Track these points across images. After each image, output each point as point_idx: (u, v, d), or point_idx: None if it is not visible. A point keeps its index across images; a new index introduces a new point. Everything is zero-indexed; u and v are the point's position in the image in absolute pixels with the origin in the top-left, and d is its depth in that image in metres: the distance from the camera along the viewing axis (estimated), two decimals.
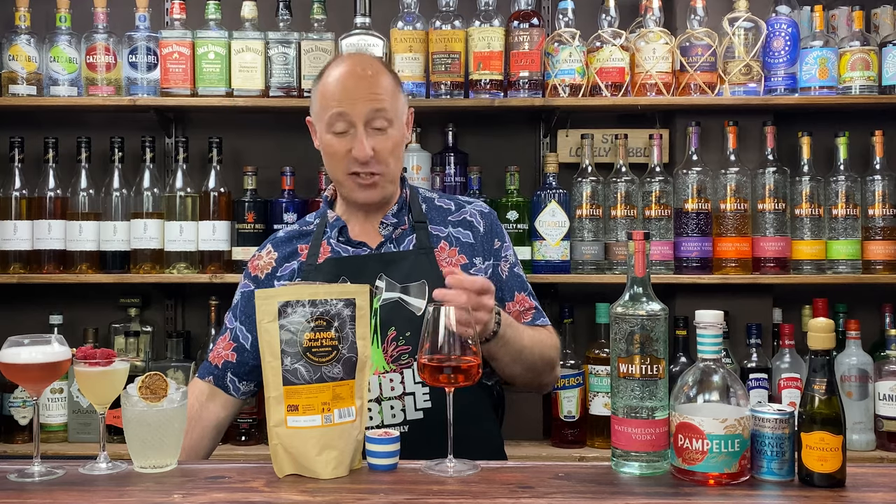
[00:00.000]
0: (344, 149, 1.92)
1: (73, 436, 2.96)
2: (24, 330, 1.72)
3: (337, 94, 1.92)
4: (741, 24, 2.96)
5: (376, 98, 1.91)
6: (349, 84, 1.92)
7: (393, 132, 1.94)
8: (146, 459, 1.58)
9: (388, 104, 1.92)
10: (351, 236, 2.01)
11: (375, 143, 1.91)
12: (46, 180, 3.03)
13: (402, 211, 2.03)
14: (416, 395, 1.89)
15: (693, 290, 2.95)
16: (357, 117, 1.90)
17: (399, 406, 1.89)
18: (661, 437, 1.52)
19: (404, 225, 2.01)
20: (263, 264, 2.06)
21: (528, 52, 2.95)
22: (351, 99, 1.91)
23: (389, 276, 1.91)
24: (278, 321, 1.55)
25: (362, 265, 1.95)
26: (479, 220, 2.06)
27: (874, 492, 1.46)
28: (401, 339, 1.89)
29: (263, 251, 2.09)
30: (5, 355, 1.57)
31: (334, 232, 2.02)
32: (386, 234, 2.00)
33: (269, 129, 3.23)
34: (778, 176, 2.95)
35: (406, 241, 2.00)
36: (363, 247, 2.00)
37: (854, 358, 2.90)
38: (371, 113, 1.90)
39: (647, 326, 1.52)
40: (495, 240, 2.05)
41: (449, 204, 2.08)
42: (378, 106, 1.90)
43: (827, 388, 1.47)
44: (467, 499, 1.43)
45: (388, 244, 1.99)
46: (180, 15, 3.02)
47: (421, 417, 1.89)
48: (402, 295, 1.89)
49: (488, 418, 2.01)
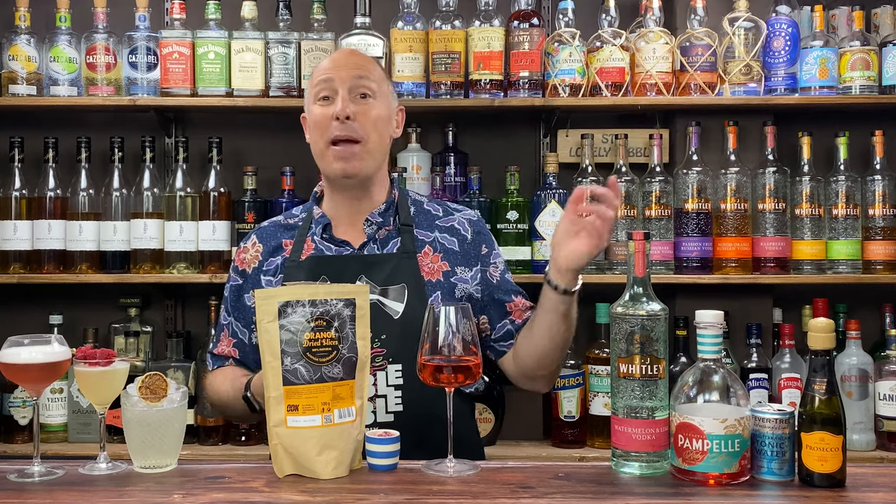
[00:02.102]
0: (327, 114, 1.95)
1: (73, 436, 2.96)
2: (24, 330, 1.72)
3: (324, 65, 2.01)
4: (741, 23, 2.96)
5: (361, 67, 1.98)
6: (337, 57, 2.04)
7: (376, 104, 1.97)
8: (146, 459, 1.58)
9: (374, 78, 1.98)
10: (335, 234, 2.00)
11: (357, 108, 1.94)
12: (46, 180, 3.03)
13: (389, 211, 2.02)
14: (388, 397, 1.88)
15: (693, 290, 2.95)
16: (340, 83, 1.95)
17: (370, 408, 1.86)
18: (661, 437, 1.52)
19: (389, 226, 2.01)
20: (250, 258, 2.06)
21: (528, 52, 2.95)
22: (336, 67, 1.98)
23: (370, 278, 1.91)
24: (278, 321, 1.55)
25: (344, 265, 1.94)
26: (467, 227, 2.04)
27: (874, 492, 1.46)
28: (376, 342, 1.85)
29: (249, 243, 2.08)
30: (5, 355, 1.57)
31: (318, 229, 2.01)
32: (370, 232, 1.99)
33: (269, 129, 3.23)
34: (778, 176, 2.95)
35: (390, 244, 1.99)
36: (346, 246, 1.99)
37: (854, 358, 2.90)
38: (354, 80, 1.95)
39: (647, 326, 1.52)
40: (482, 245, 2.04)
41: (438, 209, 2.07)
42: (361, 73, 1.96)
43: (827, 388, 1.47)
44: (467, 499, 1.43)
45: (371, 244, 1.98)
46: (180, 15, 3.02)
47: (391, 420, 1.87)
48: (381, 297, 1.89)
49: (464, 423, 1.96)
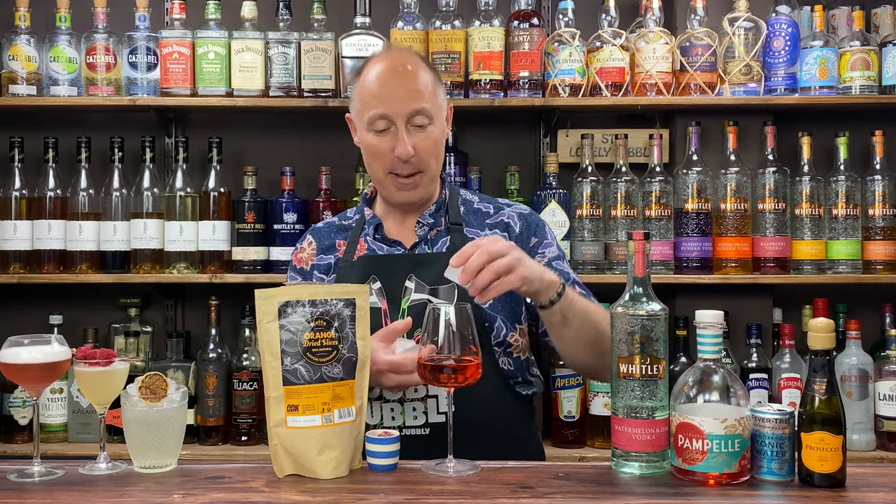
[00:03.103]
0: (385, 148, 1.91)
1: (73, 436, 2.96)
2: (24, 330, 1.72)
3: (377, 93, 1.91)
4: (741, 24, 2.96)
5: (417, 95, 1.90)
6: (389, 83, 1.91)
7: (433, 129, 1.93)
8: (146, 459, 1.58)
9: (429, 102, 1.91)
10: (387, 234, 2.01)
11: (416, 141, 1.90)
12: (46, 180, 3.03)
13: (440, 212, 2.02)
14: (439, 398, 1.87)
15: (693, 290, 2.95)
16: (397, 116, 1.89)
17: (421, 408, 1.88)
18: (661, 437, 1.52)
19: (440, 226, 2.00)
20: (307, 256, 2.06)
21: (528, 52, 2.95)
22: (391, 98, 1.90)
23: (421, 277, 1.90)
24: (278, 321, 1.55)
25: (394, 265, 1.95)
26: (517, 221, 2.03)
27: (874, 492, 1.46)
28: None
29: (304, 243, 2.09)
30: (5, 355, 1.57)
31: (371, 229, 2.02)
32: (422, 234, 1.99)
33: (269, 129, 3.23)
34: (778, 176, 2.95)
35: (440, 243, 1.99)
36: (398, 246, 1.99)
37: (854, 358, 2.90)
38: (411, 113, 1.89)
39: (647, 326, 1.52)
40: (532, 238, 2.02)
41: (488, 207, 2.07)
42: (418, 106, 1.89)
43: (827, 388, 1.47)
44: (467, 499, 1.43)
45: (422, 245, 1.99)
46: (180, 15, 3.02)
47: (443, 421, 1.85)
48: (431, 297, 1.88)
49: (521, 427, 1.97)
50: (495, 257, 1.65)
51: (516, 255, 1.68)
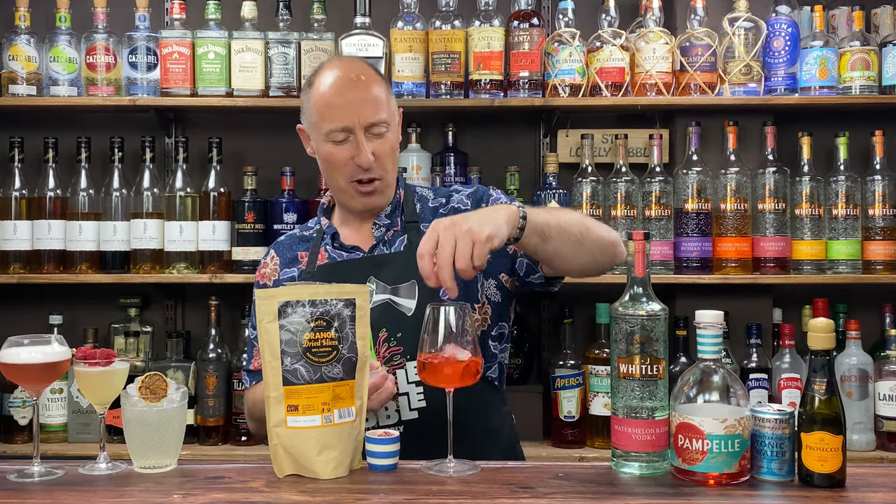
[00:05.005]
0: (345, 157, 1.92)
1: (72, 436, 2.96)
2: (24, 330, 1.72)
3: (335, 103, 1.91)
4: (741, 24, 2.96)
5: (376, 105, 1.91)
6: (347, 93, 1.91)
7: (390, 135, 1.96)
8: (146, 459, 1.58)
9: (385, 111, 1.93)
10: (344, 242, 2.02)
11: (375, 147, 1.92)
12: (46, 180, 3.03)
13: (396, 212, 2.03)
14: (409, 394, 1.88)
15: (693, 290, 2.95)
16: (358, 127, 1.90)
17: (393, 406, 1.88)
18: (661, 437, 1.52)
19: (396, 226, 2.01)
20: (269, 272, 2.08)
21: (528, 52, 2.95)
22: (350, 108, 1.90)
23: (381, 278, 1.92)
24: (278, 321, 1.55)
25: (353, 269, 1.95)
26: (465, 201, 2.03)
27: (874, 492, 1.46)
28: (392, 340, 1.89)
29: (268, 258, 2.11)
30: (5, 355, 1.57)
31: (329, 238, 2.03)
32: (378, 235, 2.00)
33: (269, 129, 3.23)
34: (778, 176, 2.95)
35: (398, 242, 1.99)
36: (356, 251, 2.00)
37: (854, 358, 2.90)
38: (368, 121, 1.91)
39: (647, 326, 1.52)
40: (481, 205, 1.99)
41: (441, 199, 2.06)
42: (378, 117, 1.91)
43: (827, 388, 1.47)
44: (467, 499, 1.43)
45: (380, 246, 2.00)
46: (180, 15, 3.02)
47: (416, 417, 1.88)
48: (392, 296, 1.91)
49: (496, 414, 1.99)
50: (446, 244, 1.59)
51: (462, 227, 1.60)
